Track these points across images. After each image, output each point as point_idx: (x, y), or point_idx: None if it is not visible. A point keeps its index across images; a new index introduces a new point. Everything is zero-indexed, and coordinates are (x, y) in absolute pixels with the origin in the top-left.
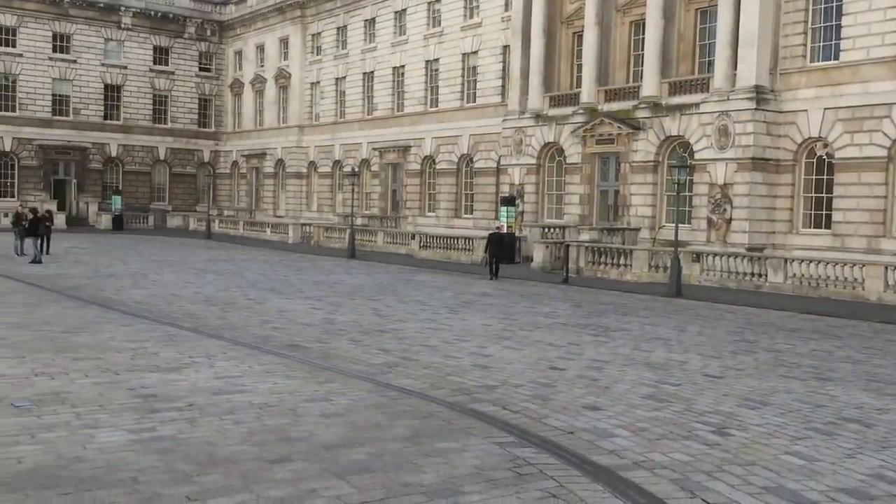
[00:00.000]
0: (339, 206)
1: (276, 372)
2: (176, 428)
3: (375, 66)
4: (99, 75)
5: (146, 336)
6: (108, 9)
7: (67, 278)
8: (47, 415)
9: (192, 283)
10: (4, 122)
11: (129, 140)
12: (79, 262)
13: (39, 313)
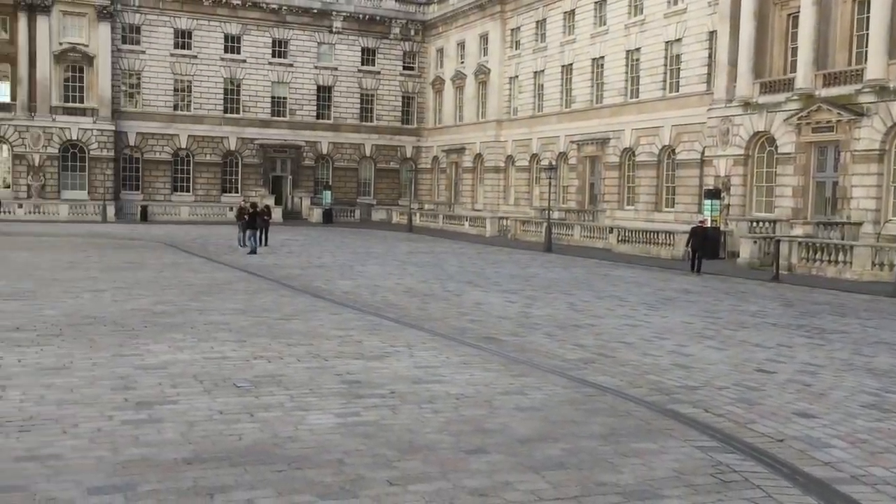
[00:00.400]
0: (535, 199)
1: (472, 363)
2: (379, 414)
3: (574, 59)
4: (312, 77)
5: (352, 325)
6: (321, 14)
7: (282, 268)
8: (264, 395)
9: (395, 274)
10: (230, 123)
11: (339, 138)
12: (292, 253)
13: (258, 301)
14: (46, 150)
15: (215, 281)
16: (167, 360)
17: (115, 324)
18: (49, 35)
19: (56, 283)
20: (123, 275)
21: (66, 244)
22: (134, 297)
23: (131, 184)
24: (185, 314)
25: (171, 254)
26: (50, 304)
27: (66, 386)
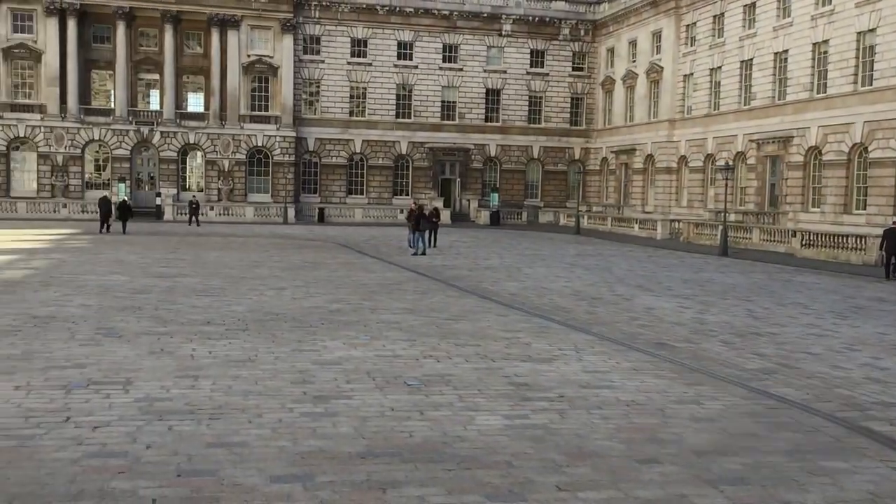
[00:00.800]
0: (710, 201)
1: (643, 370)
2: (547, 417)
3: (754, 54)
4: (481, 81)
5: (519, 327)
6: (490, 18)
7: (451, 269)
8: (434, 394)
9: (562, 277)
10: (401, 127)
11: (507, 140)
12: (460, 255)
13: (427, 301)
14: (235, 156)
15: (386, 281)
16: (342, 357)
17: (295, 320)
18: (238, 48)
19: (243, 280)
20: (302, 274)
21: (252, 244)
22: (311, 294)
23: (310, 187)
24: (359, 312)
25: (345, 254)
26: (237, 301)
27: (251, 378)
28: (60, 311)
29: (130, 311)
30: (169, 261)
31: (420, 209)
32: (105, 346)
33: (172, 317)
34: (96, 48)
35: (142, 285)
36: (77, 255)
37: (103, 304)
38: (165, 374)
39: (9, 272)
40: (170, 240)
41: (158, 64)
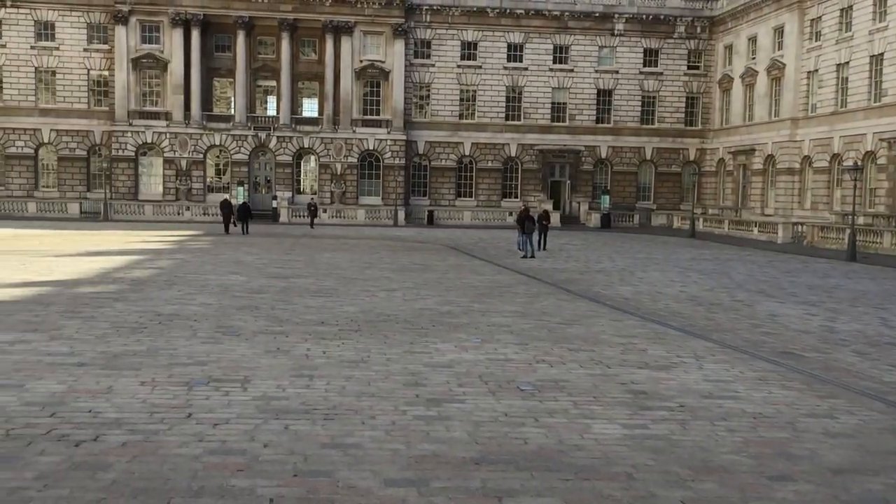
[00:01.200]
0: (836, 203)
1: (769, 380)
2: (668, 428)
3: (885, 48)
4: (592, 82)
5: (634, 332)
6: (602, 18)
7: (561, 272)
8: (548, 400)
9: (677, 281)
10: (510, 130)
11: (618, 142)
12: (571, 258)
13: (538, 304)
14: (347, 160)
15: (496, 283)
16: (453, 360)
17: (406, 322)
18: (351, 54)
19: (355, 281)
20: (412, 275)
21: (363, 246)
22: (422, 297)
23: (419, 190)
24: (469, 315)
25: (454, 256)
26: (349, 301)
27: (364, 379)
28: (183, 310)
29: (248, 310)
30: (284, 262)
31: (527, 211)
32: (224, 344)
33: (288, 316)
34: (217, 57)
35: (259, 285)
36: (199, 256)
37: (223, 303)
38: (281, 372)
39: (137, 271)
40: (285, 241)
41: (275, 71)
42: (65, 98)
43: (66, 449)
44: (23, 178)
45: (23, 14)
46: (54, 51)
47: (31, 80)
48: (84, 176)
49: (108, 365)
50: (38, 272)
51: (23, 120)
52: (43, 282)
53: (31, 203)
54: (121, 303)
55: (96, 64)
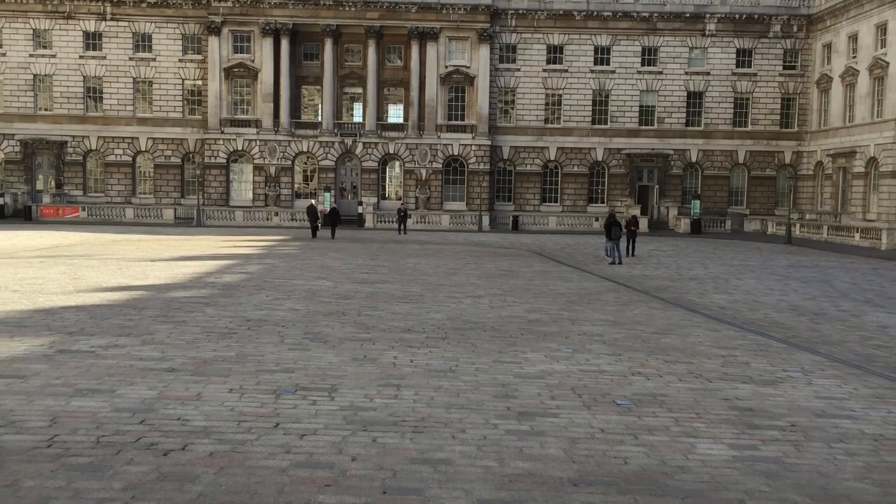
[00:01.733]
0: None
1: (887, 398)
2: (780, 450)
3: None
4: (682, 84)
5: (734, 343)
6: (693, 18)
7: (652, 279)
8: (646, 416)
9: (776, 289)
10: (597, 134)
11: (709, 145)
12: (661, 264)
13: (629, 313)
14: (432, 165)
15: (584, 290)
16: (544, 370)
17: (494, 330)
18: (436, 59)
19: (440, 287)
20: (498, 282)
21: (448, 252)
22: (509, 304)
23: (504, 195)
24: (559, 323)
25: (540, 262)
26: (436, 308)
27: (453, 389)
28: (271, 315)
29: (335, 316)
30: (370, 267)
31: (614, 217)
32: (312, 350)
33: (374, 323)
34: (305, 65)
35: (345, 291)
36: (287, 261)
37: (310, 308)
38: (369, 381)
39: (227, 276)
40: (370, 247)
41: (362, 78)
42: (161, 107)
43: (154, 458)
44: (121, 185)
45: (122, 27)
46: (151, 62)
47: (130, 90)
48: (178, 182)
49: (198, 371)
50: (134, 276)
51: (122, 129)
52: (138, 286)
53: (129, 209)
54: (211, 307)
55: (190, 74)
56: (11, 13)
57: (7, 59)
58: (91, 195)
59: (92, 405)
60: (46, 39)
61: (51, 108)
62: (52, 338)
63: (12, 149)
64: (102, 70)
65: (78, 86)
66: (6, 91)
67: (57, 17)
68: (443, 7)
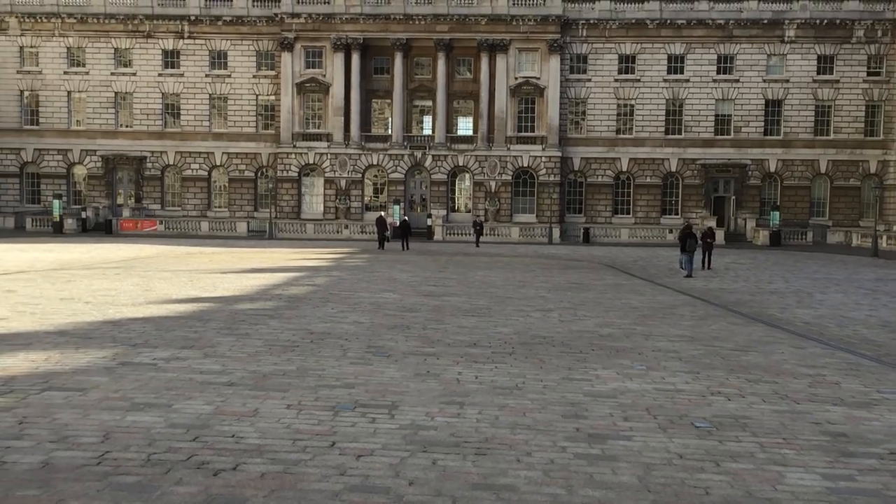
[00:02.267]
0: None
1: None
2: (879, 481)
3: None
4: (759, 92)
5: (821, 362)
6: (771, 24)
7: (730, 293)
8: (729, 441)
9: (864, 304)
10: (670, 144)
11: (788, 154)
12: (739, 277)
13: (706, 328)
14: (501, 178)
15: (658, 304)
16: (616, 389)
17: (563, 345)
18: (506, 71)
19: (508, 300)
20: (568, 295)
21: (517, 264)
22: (579, 318)
23: (574, 207)
24: (631, 338)
25: (611, 275)
26: (503, 321)
27: (519, 408)
28: (335, 328)
29: (399, 329)
30: (438, 279)
31: (689, 228)
32: (374, 365)
33: (439, 336)
34: (376, 78)
35: (411, 303)
36: (354, 273)
37: (375, 321)
38: (431, 398)
39: (294, 288)
40: (439, 259)
41: (431, 91)
42: (235, 122)
43: (204, 479)
44: (197, 199)
45: (198, 45)
46: (226, 78)
47: (206, 106)
48: (252, 196)
49: (257, 385)
50: (203, 288)
51: (198, 144)
52: (206, 297)
53: (204, 222)
54: (276, 320)
55: (264, 90)
56: (94, 33)
57: (90, 77)
58: (168, 209)
59: (147, 420)
60: (127, 58)
61: (131, 124)
62: (115, 350)
63: (94, 164)
64: (180, 87)
65: (157, 103)
66: (89, 108)
67: (137, 37)
68: (512, 19)
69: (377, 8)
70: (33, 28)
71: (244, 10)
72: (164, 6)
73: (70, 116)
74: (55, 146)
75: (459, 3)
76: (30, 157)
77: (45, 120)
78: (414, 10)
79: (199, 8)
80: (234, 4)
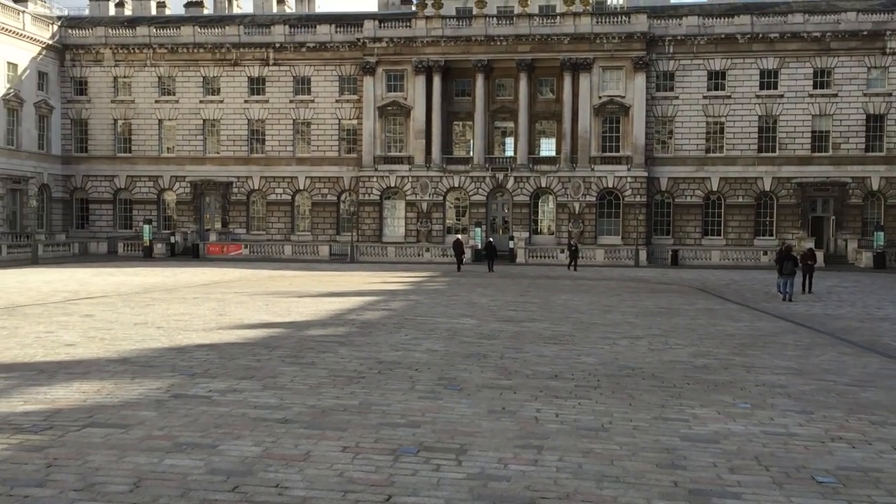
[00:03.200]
0: None
1: None
2: None
3: None
4: (860, 106)
5: None
6: (871, 36)
7: (835, 319)
8: (860, 501)
9: None
10: (764, 162)
11: (892, 172)
12: (843, 302)
13: (815, 359)
14: (585, 199)
15: (757, 331)
16: (718, 431)
17: (654, 378)
18: (590, 90)
19: (593, 327)
20: (658, 321)
21: (601, 288)
22: (671, 346)
23: (662, 228)
24: (731, 371)
25: (703, 299)
26: (587, 350)
27: (606, 454)
28: (406, 357)
29: (475, 358)
30: (518, 304)
31: (788, 250)
32: (443, 400)
33: (517, 367)
34: (457, 101)
35: (490, 330)
36: (432, 297)
37: (449, 349)
38: (505, 441)
39: (369, 313)
40: (521, 282)
41: (513, 112)
42: (318, 147)
43: None
44: (281, 223)
45: (283, 71)
46: (310, 103)
47: (290, 131)
48: (334, 220)
49: (313, 423)
50: (277, 313)
51: (283, 169)
52: (277, 323)
53: (288, 246)
54: (345, 347)
55: (346, 114)
56: (184, 62)
57: (180, 105)
58: (253, 233)
59: (186, 464)
60: (215, 86)
61: (218, 150)
62: (172, 380)
63: (183, 190)
64: (265, 113)
65: (243, 129)
66: (178, 136)
67: (224, 65)
68: (596, 37)
69: (458, 30)
70: (126, 59)
71: (327, 37)
72: (251, 34)
73: (161, 144)
74: (146, 173)
75: (542, 24)
76: (122, 184)
77: (136, 147)
78: (495, 31)
79: (283, 35)
80: (318, 31)
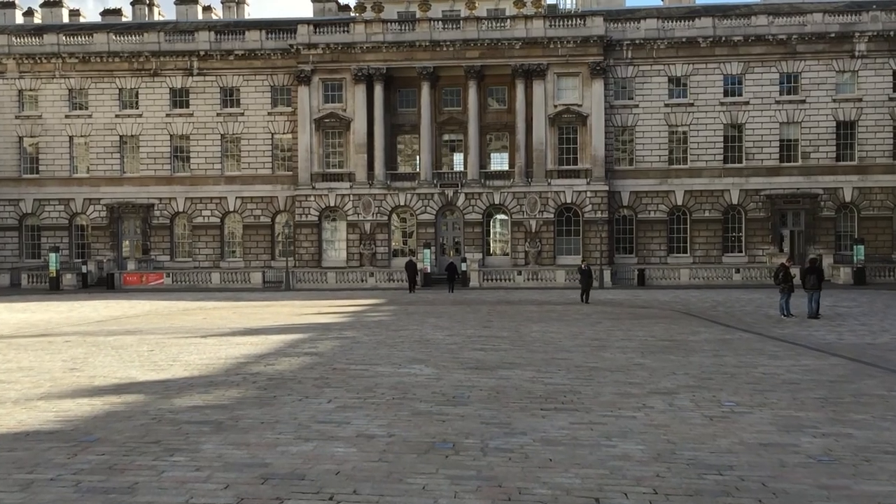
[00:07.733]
0: None
1: None
2: None
3: None
4: (830, 113)
5: None
6: (839, 38)
7: (882, 349)
8: None
9: None
10: (731, 174)
11: (865, 182)
12: (868, 326)
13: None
14: (542, 216)
15: (819, 374)
16: None
17: (775, 496)
18: (544, 99)
19: (596, 373)
20: (673, 360)
21: (573, 313)
22: (735, 411)
23: (625, 246)
24: (877, 463)
25: (702, 326)
26: (613, 424)
27: None
28: (317, 462)
29: (438, 457)
30: (484, 339)
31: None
32: None
33: (517, 475)
34: (401, 112)
35: (454, 385)
36: (374, 333)
37: (394, 432)
38: None
39: (285, 362)
40: (479, 309)
41: (462, 123)
42: (249, 164)
43: None
44: (209, 249)
45: (209, 81)
46: (239, 116)
47: (217, 147)
48: (268, 244)
49: None
50: (155, 364)
51: (210, 189)
52: (141, 383)
53: (216, 274)
54: (218, 436)
55: (279, 127)
56: (97, 73)
57: (93, 120)
58: (178, 260)
59: None
60: (132, 99)
61: (137, 169)
62: None
63: (98, 214)
64: (189, 128)
65: (164, 145)
66: (92, 154)
67: (143, 75)
68: (550, 41)
69: (401, 35)
70: (32, 70)
71: (258, 43)
72: (172, 42)
73: (72, 163)
74: (56, 195)
75: (491, 27)
76: (29, 209)
77: (45, 168)
78: (441, 35)
79: (209, 42)
80: (247, 37)
